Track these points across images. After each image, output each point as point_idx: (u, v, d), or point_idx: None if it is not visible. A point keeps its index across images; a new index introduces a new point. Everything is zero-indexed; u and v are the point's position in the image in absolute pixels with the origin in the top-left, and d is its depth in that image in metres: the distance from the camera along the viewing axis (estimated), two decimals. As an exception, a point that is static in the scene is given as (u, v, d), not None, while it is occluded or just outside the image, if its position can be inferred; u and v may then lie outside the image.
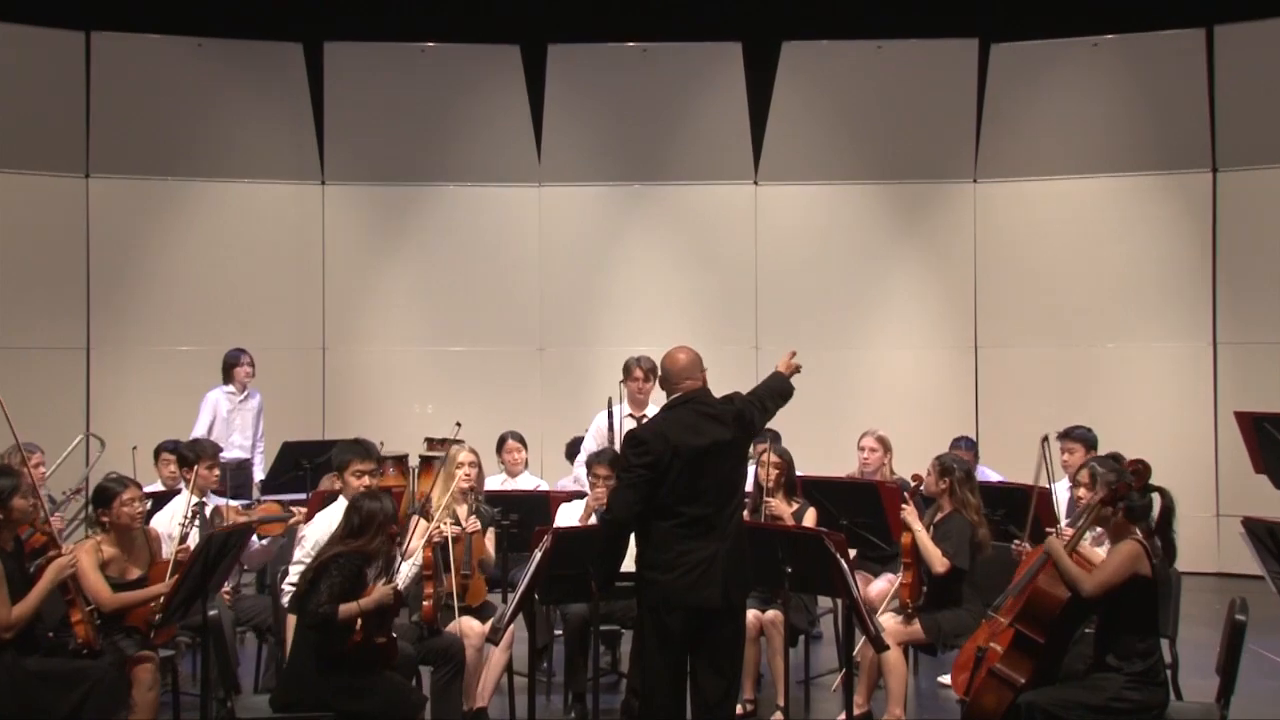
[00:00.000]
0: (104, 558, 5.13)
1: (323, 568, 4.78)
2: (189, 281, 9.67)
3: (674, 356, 4.72)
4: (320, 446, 7.54)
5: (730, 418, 4.63)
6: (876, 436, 6.99)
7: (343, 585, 4.74)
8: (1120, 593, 4.56)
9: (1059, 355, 9.62)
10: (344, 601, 4.72)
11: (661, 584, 4.48)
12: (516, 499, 6.55)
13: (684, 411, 4.61)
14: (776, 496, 6.19)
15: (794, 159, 9.94)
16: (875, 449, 6.95)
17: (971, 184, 9.85)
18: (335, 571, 4.75)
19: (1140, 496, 4.73)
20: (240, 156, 9.76)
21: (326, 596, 4.70)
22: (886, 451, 6.98)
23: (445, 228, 10.04)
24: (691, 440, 4.50)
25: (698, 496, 4.49)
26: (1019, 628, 4.75)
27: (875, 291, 9.95)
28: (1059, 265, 9.65)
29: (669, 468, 4.46)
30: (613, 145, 10.04)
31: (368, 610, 4.75)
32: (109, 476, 5.38)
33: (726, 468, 4.59)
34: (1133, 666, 4.54)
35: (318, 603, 4.70)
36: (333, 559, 4.78)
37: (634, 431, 4.69)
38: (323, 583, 4.73)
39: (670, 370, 4.71)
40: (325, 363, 9.97)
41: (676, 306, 9.94)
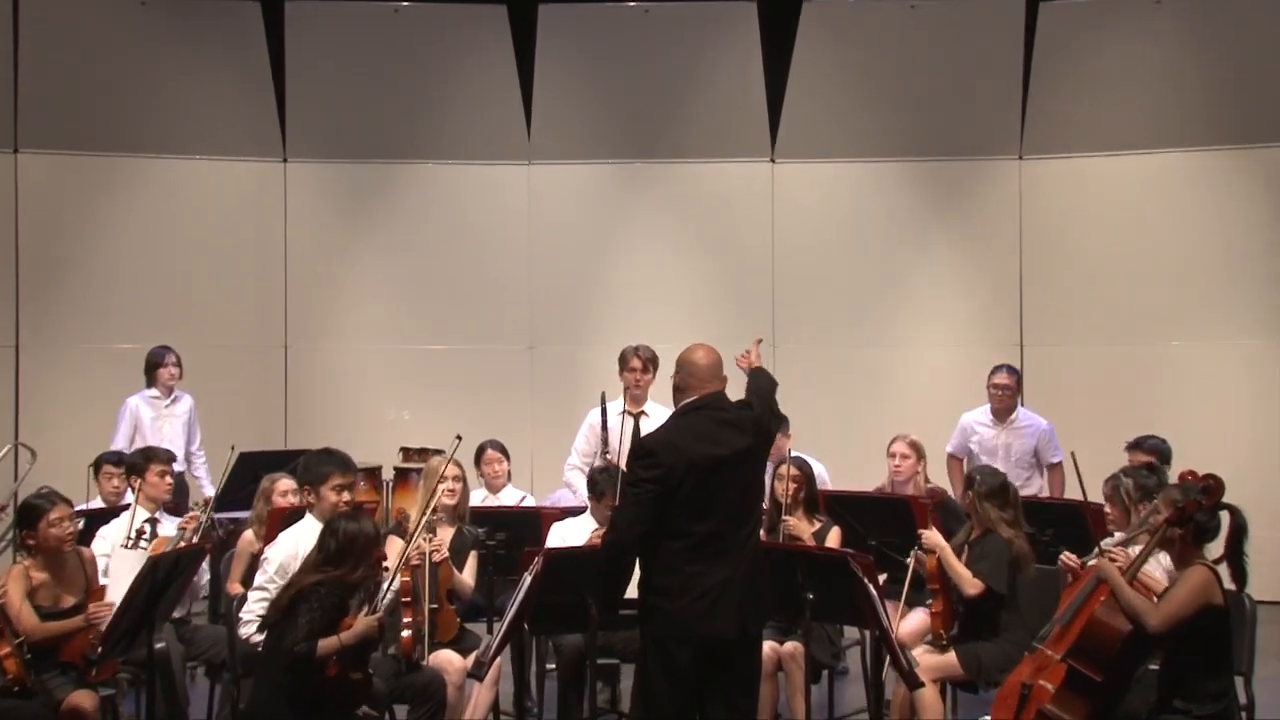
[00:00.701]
0: (33, 584, 5.11)
1: (299, 598, 4.75)
2: (132, 271, 9.66)
3: (694, 356, 4.68)
4: (282, 458, 7.52)
5: (749, 424, 4.63)
6: (908, 441, 6.99)
7: (323, 619, 4.72)
8: (1189, 626, 4.54)
9: (1115, 354, 9.61)
10: (324, 637, 4.70)
11: (669, 612, 4.46)
12: (503, 516, 6.54)
13: (699, 418, 4.58)
14: (795, 514, 6.18)
15: (816, 133, 9.93)
16: (907, 455, 6.94)
17: (1016, 161, 9.83)
18: (315, 603, 4.72)
19: (1210, 516, 4.71)
20: (190, 130, 9.75)
21: (305, 632, 4.68)
22: (920, 458, 6.98)
23: (423, 211, 10.03)
24: (708, 450, 4.48)
25: (712, 513, 4.47)
26: (1073, 664, 4.74)
27: (907, 283, 9.94)
28: (1116, 253, 9.63)
29: (681, 481, 4.43)
30: (611, 118, 10.03)
31: (348, 645, 4.73)
32: (39, 492, 5.37)
33: (745, 481, 4.58)
34: (1203, 709, 4.53)
35: (295, 639, 4.68)
36: (312, 588, 4.76)
37: (643, 441, 4.67)
38: (300, 616, 4.70)
39: (690, 371, 4.66)
40: (288, 363, 9.96)
41: (683, 300, 9.93)
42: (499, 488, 7.51)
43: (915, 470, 6.93)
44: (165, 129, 9.70)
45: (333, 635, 4.74)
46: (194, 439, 8.28)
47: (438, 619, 5.66)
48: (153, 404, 8.17)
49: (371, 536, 4.89)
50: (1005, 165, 9.86)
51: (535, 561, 5.16)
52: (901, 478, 6.93)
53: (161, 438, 7.95)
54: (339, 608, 4.76)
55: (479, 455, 7.55)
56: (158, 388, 8.17)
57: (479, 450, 7.58)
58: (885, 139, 9.92)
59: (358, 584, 4.83)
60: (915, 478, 6.92)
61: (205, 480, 8.25)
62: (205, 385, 8.89)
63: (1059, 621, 5.01)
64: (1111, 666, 4.69)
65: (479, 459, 7.54)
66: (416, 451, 8.14)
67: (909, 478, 6.90)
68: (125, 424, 8.10)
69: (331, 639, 4.71)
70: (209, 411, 8.75)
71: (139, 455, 6.36)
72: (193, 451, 8.21)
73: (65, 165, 9.58)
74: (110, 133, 9.62)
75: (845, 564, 5.06)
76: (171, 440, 7.93)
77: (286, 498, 6.30)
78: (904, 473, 6.92)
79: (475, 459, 7.54)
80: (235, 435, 8.61)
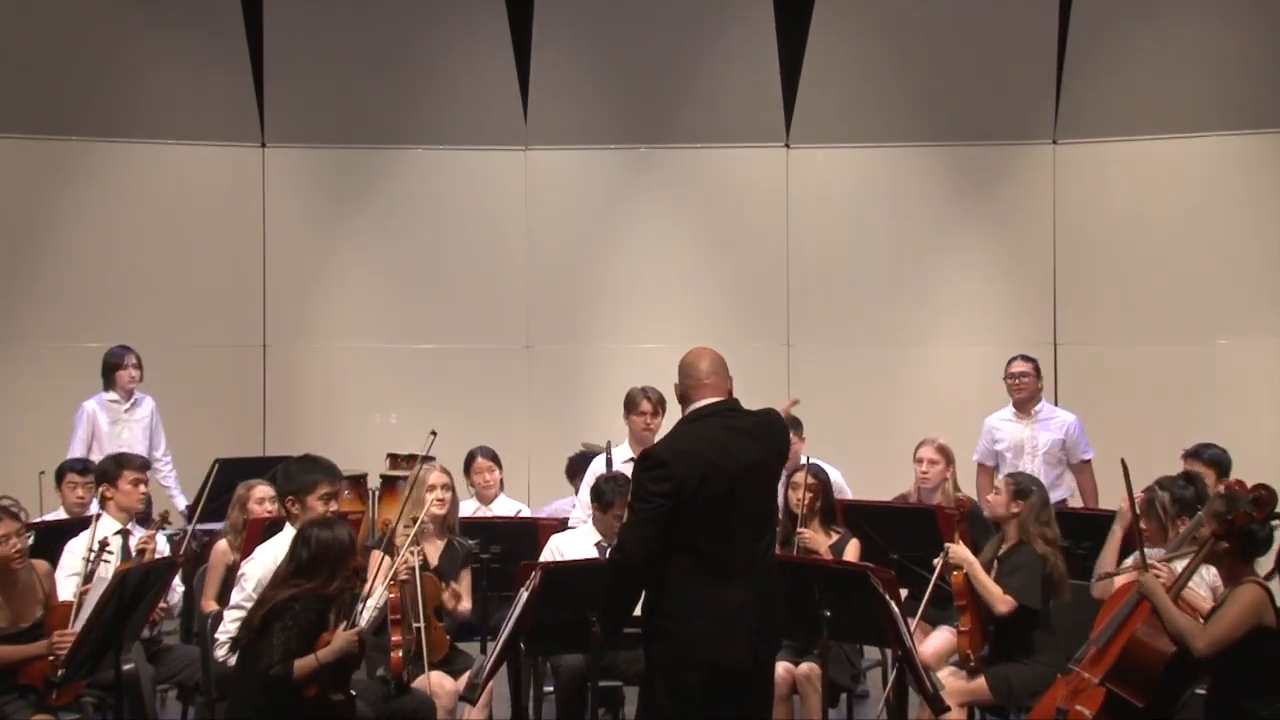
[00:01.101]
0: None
1: (272, 615, 4.74)
2: (98, 264, 9.66)
3: (694, 358, 4.67)
4: (260, 465, 7.51)
5: (763, 432, 4.60)
6: (936, 446, 6.99)
7: (299, 638, 4.71)
8: (1238, 648, 4.53)
9: (1157, 354, 9.58)
10: (301, 656, 4.70)
11: (679, 637, 4.42)
12: (498, 528, 6.53)
13: (710, 425, 4.55)
14: (811, 525, 6.17)
15: (834, 116, 9.91)
16: (935, 461, 6.95)
17: (1050, 145, 9.81)
18: (290, 621, 4.71)
19: (1261, 528, 4.70)
20: (159, 112, 9.74)
21: (281, 653, 4.67)
22: (949, 464, 6.98)
23: (412, 200, 10.02)
24: (723, 462, 4.44)
25: (725, 530, 4.43)
26: (1112, 688, 4.74)
27: (932, 277, 9.92)
28: (1157, 244, 9.61)
29: (693, 495, 4.39)
30: (614, 100, 10.02)
31: (327, 663, 4.72)
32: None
33: (759, 495, 4.56)
34: (1252, 737, 4.52)
35: (270, 661, 4.67)
36: (285, 605, 4.74)
37: (651, 450, 4.60)
38: (275, 636, 4.69)
39: (690, 375, 4.65)
40: (266, 363, 9.96)
41: (690, 295, 9.92)
42: (491, 498, 7.50)
43: (944, 477, 6.93)
44: (131, 111, 9.70)
45: (310, 654, 4.73)
46: (158, 444, 8.27)
47: (427, 638, 5.65)
48: (110, 408, 8.16)
49: (347, 544, 4.88)
50: (1038, 150, 9.83)
51: (532, 576, 5.15)
52: (929, 485, 6.92)
53: (121, 444, 7.92)
54: (316, 624, 4.75)
55: (468, 463, 7.54)
56: (117, 391, 8.15)
57: (468, 458, 7.57)
58: (909, 122, 9.89)
59: (334, 597, 4.82)
60: (944, 485, 6.91)
61: (175, 489, 8.25)
62: (177, 388, 8.90)
63: (1096, 642, 5.00)
64: (1154, 691, 4.68)
65: (468, 467, 7.53)
66: (404, 458, 8.13)
67: (937, 485, 6.90)
68: (82, 429, 8.08)
69: (309, 658, 4.69)
70: (180, 416, 8.74)
71: (110, 462, 6.35)
72: (157, 457, 8.19)
73: (24, 150, 9.57)
74: (73, 115, 9.61)
75: (865, 579, 5.05)
76: (131, 447, 7.88)
77: (264, 506, 6.30)
78: (932, 480, 6.92)
79: (464, 467, 7.54)
80: (210, 441, 8.65)
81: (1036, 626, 5.60)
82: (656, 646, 4.48)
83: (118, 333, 8.95)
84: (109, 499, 6.19)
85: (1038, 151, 9.84)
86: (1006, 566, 5.65)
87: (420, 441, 5.97)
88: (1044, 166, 9.83)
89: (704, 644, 4.39)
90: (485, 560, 6.18)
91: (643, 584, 4.48)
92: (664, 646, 4.46)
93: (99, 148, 9.69)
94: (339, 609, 4.85)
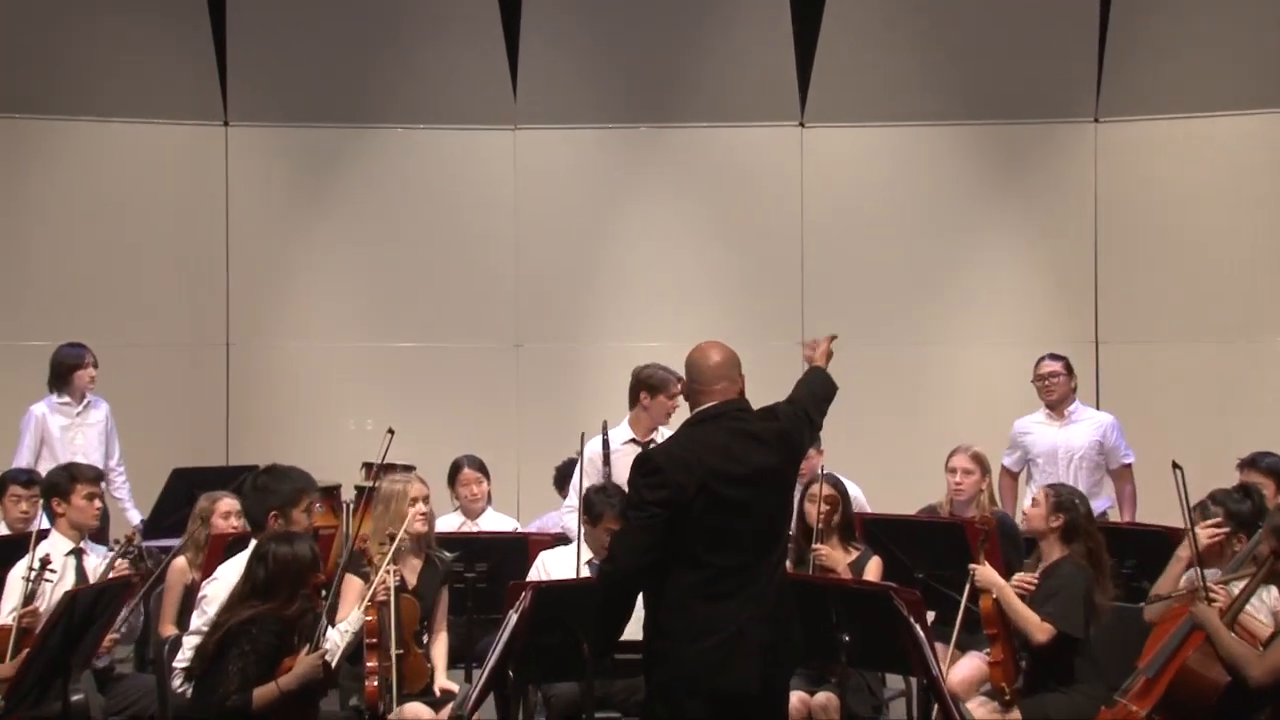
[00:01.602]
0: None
1: (228, 641, 4.74)
2: (46, 254, 9.66)
3: (703, 353, 4.68)
4: (223, 475, 7.51)
5: (775, 437, 4.60)
6: (971, 454, 6.99)
7: (258, 664, 4.72)
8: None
9: (1208, 353, 9.57)
10: (260, 684, 4.70)
11: (679, 659, 4.43)
12: (484, 544, 6.53)
13: (712, 429, 4.55)
14: (829, 541, 6.16)
15: (853, 92, 9.91)
16: (970, 470, 6.95)
17: (1091, 124, 9.81)
18: (247, 646, 4.72)
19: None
20: (115, 88, 9.73)
21: (238, 682, 4.69)
22: (984, 474, 6.99)
23: (389, 185, 10.02)
24: (724, 467, 4.45)
25: (729, 543, 4.43)
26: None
27: (961, 269, 9.93)
28: (1208, 232, 9.61)
29: (692, 503, 4.39)
30: (612, 75, 10.02)
31: (289, 691, 4.72)
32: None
33: (769, 506, 4.55)
34: (1313, 773, 4.51)
35: (226, 692, 4.69)
36: (241, 629, 4.75)
37: (647, 454, 4.63)
38: (231, 663, 4.70)
39: (698, 374, 4.65)
40: (229, 363, 9.96)
41: (696, 289, 9.92)
42: (478, 512, 7.50)
43: (979, 488, 6.94)
44: (84, 87, 9.68)
45: (270, 681, 4.73)
46: (113, 452, 8.26)
47: (405, 665, 5.65)
48: (63, 412, 8.13)
49: (308, 562, 4.91)
50: (1078, 129, 9.83)
51: (522, 597, 5.15)
52: (963, 497, 6.94)
53: (73, 452, 7.91)
54: (275, 648, 4.77)
55: (453, 473, 7.55)
56: (70, 393, 8.13)
57: (453, 468, 7.57)
58: (935, 99, 9.89)
59: (294, 619, 4.83)
60: (979, 497, 6.92)
61: (128, 502, 8.23)
62: (129, 390, 8.88)
63: (1145, 672, 5.00)
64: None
65: (453, 478, 7.53)
66: (382, 467, 8.13)
67: (972, 497, 6.91)
68: (30, 436, 8.06)
69: (269, 686, 4.70)
70: (134, 422, 8.72)
71: (61, 474, 6.33)
72: (111, 467, 8.17)
73: (-34, 130, 9.60)
74: (21, 91, 9.59)
75: (888, 600, 5.04)
76: (86, 454, 7.89)
77: (229, 520, 6.29)
78: (966, 491, 6.93)
79: (449, 478, 7.53)
80: (166, 450, 8.65)
81: (1077, 653, 5.58)
82: (656, 670, 4.49)
83: (64, 329, 8.94)
84: (60, 515, 6.17)
85: (1077, 131, 9.83)
86: (1043, 588, 5.63)
87: (400, 449, 5.97)
88: (1084, 147, 9.83)
89: (705, 667, 4.39)
90: (470, 579, 6.16)
91: (633, 599, 4.50)
92: (663, 669, 4.46)
93: (47, 127, 9.69)
94: (301, 632, 4.85)
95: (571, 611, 5.13)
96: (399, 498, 5.94)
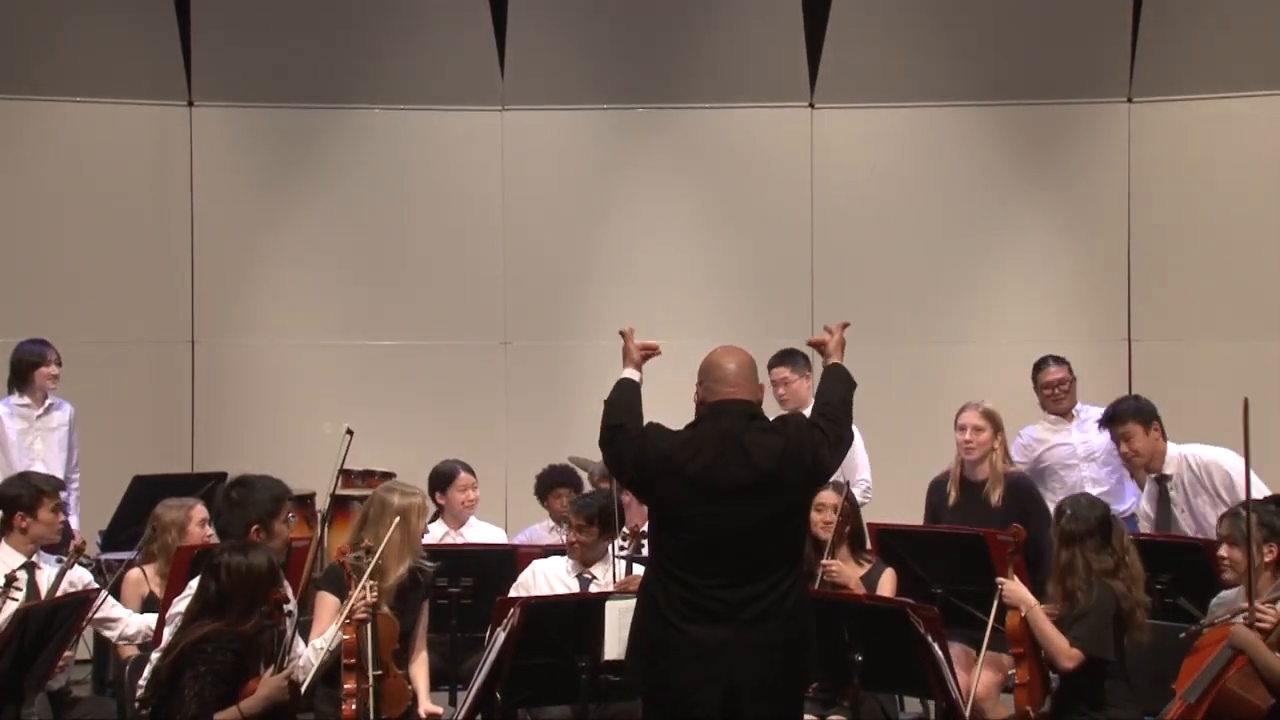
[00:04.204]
0: None
1: (182, 663, 4.76)
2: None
3: (717, 358, 4.77)
4: (187, 484, 7.51)
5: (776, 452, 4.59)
6: (981, 411, 7.06)
7: (215, 687, 4.73)
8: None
9: (1250, 351, 9.58)
10: (221, 708, 4.72)
11: (649, 673, 4.56)
12: (469, 557, 6.54)
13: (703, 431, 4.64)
14: (839, 554, 6.16)
15: (866, 71, 9.92)
16: (981, 427, 7.01)
17: (1125, 104, 9.82)
18: (202, 667, 4.74)
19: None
20: (67, 64, 9.71)
21: (195, 707, 4.70)
22: (996, 431, 7.03)
23: (367, 170, 10.02)
24: (700, 473, 4.55)
25: (706, 560, 4.53)
26: (1201, 746, 4.75)
27: (982, 261, 9.94)
28: (1250, 221, 9.62)
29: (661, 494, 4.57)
30: (607, 53, 10.03)
31: (253, 715, 4.73)
32: None
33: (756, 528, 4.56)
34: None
35: (184, 717, 4.70)
36: (194, 649, 4.77)
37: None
38: (187, 687, 4.72)
39: (715, 378, 4.72)
40: (195, 362, 9.95)
41: (696, 282, 9.93)
42: (465, 518, 7.53)
43: (990, 446, 7.00)
44: (38, 65, 9.66)
45: (232, 706, 4.76)
46: (72, 457, 8.26)
47: (384, 686, 5.66)
48: (22, 414, 8.13)
49: (265, 574, 4.94)
50: (1109, 110, 9.84)
51: (510, 613, 5.16)
52: (974, 456, 7.00)
53: (32, 457, 7.93)
54: (234, 667, 4.80)
55: (448, 479, 7.56)
56: (29, 393, 8.14)
57: (448, 474, 7.58)
58: (955, 78, 9.91)
59: (251, 635, 4.84)
60: (990, 456, 6.98)
61: (72, 509, 8.16)
62: (86, 391, 8.83)
63: (1186, 696, 5.01)
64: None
65: (447, 483, 7.55)
66: (359, 475, 8.14)
67: (983, 456, 6.99)
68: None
69: (230, 711, 4.74)
70: (91, 425, 8.66)
71: (23, 486, 6.31)
72: (68, 475, 8.17)
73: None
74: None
75: (904, 617, 5.05)
76: (46, 460, 7.91)
77: (205, 529, 6.31)
78: (977, 449, 6.99)
79: (440, 484, 7.55)
80: (127, 455, 8.65)
81: (1109, 675, 5.58)
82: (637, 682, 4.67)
83: (17, 326, 8.92)
84: (22, 530, 6.16)
85: (1109, 111, 9.84)
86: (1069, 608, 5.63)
87: (380, 454, 5.99)
88: (1116, 129, 9.84)
89: (674, 685, 4.51)
90: (454, 595, 6.17)
91: None
92: (642, 682, 4.63)
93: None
94: (263, 650, 4.87)
95: (563, 629, 5.15)
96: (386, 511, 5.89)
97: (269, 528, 5.55)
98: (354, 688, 5.50)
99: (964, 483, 7.10)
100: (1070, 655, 5.52)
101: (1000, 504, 6.90)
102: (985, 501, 6.97)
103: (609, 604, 5.30)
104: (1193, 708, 4.88)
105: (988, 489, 6.99)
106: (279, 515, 5.59)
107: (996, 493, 6.96)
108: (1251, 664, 4.75)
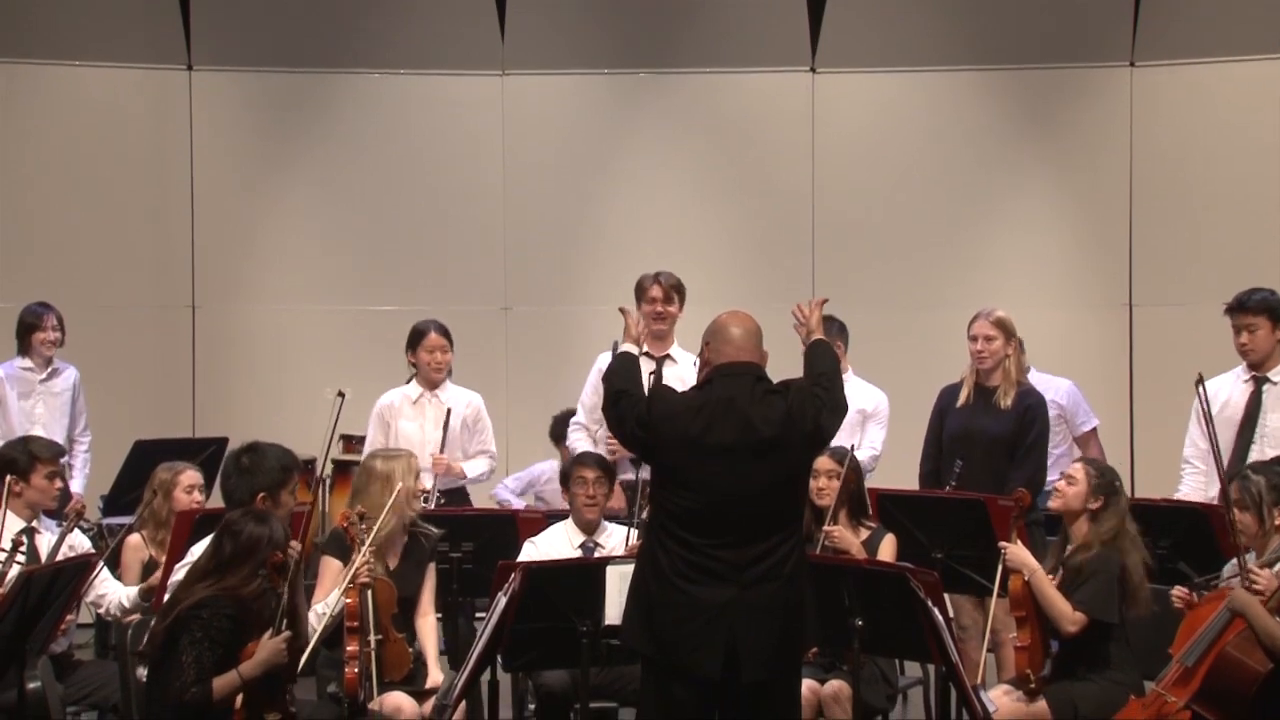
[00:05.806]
0: None
1: (178, 627, 4.76)
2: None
3: (724, 321, 4.81)
4: (189, 447, 7.52)
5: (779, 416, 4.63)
6: (993, 319, 6.99)
7: (213, 650, 4.74)
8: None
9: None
10: (220, 674, 4.73)
11: (648, 632, 4.58)
12: (470, 523, 6.55)
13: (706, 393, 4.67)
14: (840, 520, 6.17)
15: (868, 35, 9.89)
16: (993, 335, 6.95)
17: (1127, 68, 9.79)
18: (199, 633, 4.74)
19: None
20: (70, 30, 9.69)
21: (194, 673, 4.71)
22: (1009, 338, 6.97)
23: (367, 135, 10.00)
24: (701, 434, 4.58)
25: (709, 518, 4.56)
26: (1199, 710, 4.76)
27: (983, 227, 9.93)
28: (1254, 186, 9.60)
29: (670, 457, 4.59)
30: (608, 17, 10.01)
31: (252, 678, 4.74)
32: None
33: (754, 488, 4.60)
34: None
35: (184, 684, 4.70)
36: (192, 613, 4.77)
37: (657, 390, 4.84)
38: (184, 652, 4.73)
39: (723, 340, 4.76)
40: (195, 327, 9.95)
41: (696, 248, 9.89)
42: (438, 383, 7.58)
43: (1004, 353, 6.93)
44: (32, 29, 9.63)
45: (231, 670, 4.77)
46: (78, 421, 8.25)
47: (385, 651, 5.69)
48: (24, 378, 8.13)
49: (279, 543, 4.97)
50: (1112, 74, 9.81)
51: (511, 578, 5.17)
52: (986, 365, 6.95)
53: (33, 421, 7.92)
54: (232, 632, 4.81)
55: (416, 339, 7.61)
56: (32, 356, 8.14)
57: (417, 333, 7.63)
58: (958, 42, 9.88)
59: (250, 599, 4.85)
60: (1004, 363, 6.92)
61: (80, 475, 8.17)
62: (88, 356, 8.83)
63: (1184, 659, 5.01)
64: (1247, 716, 4.69)
65: (415, 343, 7.60)
66: (359, 440, 8.15)
67: (997, 364, 6.93)
68: None
69: (230, 674, 4.74)
70: (92, 391, 8.65)
71: (20, 451, 6.30)
72: (74, 437, 8.18)
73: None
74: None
75: (904, 582, 5.06)
76: (47, 424, 7.90)
77: (193, 495, 6.32)
78: (989, 358, 6.94)
79: (410, 343, 7.62)
80: (128, 421, 8.66)
81: (1112, 638, 5.59)
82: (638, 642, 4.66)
83: (20, 291, 8.91)
84: (16, 494, 6.16)
85: (1111, 75, 9.81)
86: (1073, 572, 5.64)
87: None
88: (1118, 94, 9.81)
89: (673, 642, 4.55)
90: (455, 560, 6.18)
91: None
92: (631, 634, 4.67)
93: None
94: (261, 615, 4.88)
95: (564, 594, 5.17)
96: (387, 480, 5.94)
97: (275, 497, 5.55)
98: (356, 650, 5.52)
99: (977, 387, 7.03)
100: (1073, 619, 5.53)
101: (1010, 406, 6.87)
102: (995, 405, 6.92)
103: (610, 568, 5.31)
104: (1190, 671, 4.89)
105: (999, 395, 6.92)
106: (287, 485, 5.59)
107: (1009, 397, 6.90)
108: (1250, 628, 4.75)
